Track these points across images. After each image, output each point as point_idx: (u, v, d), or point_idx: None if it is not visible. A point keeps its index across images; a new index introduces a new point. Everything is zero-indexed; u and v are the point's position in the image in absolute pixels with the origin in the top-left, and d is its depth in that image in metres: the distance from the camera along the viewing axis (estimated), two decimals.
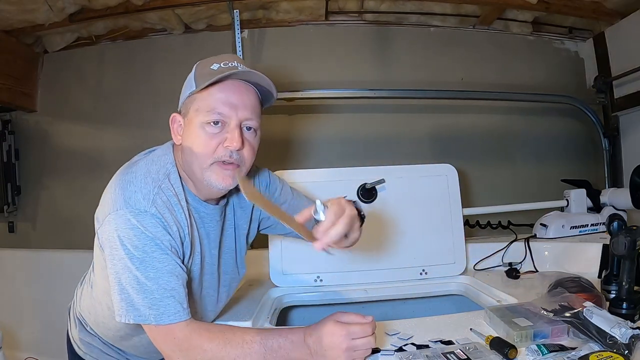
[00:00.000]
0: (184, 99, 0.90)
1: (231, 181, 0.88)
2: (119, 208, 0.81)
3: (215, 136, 0.86)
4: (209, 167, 0.87)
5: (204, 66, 0.89)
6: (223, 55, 0.90)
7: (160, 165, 0.89)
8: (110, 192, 0.84)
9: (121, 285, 0.80)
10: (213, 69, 0.87)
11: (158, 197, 0.83)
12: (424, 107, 2.31)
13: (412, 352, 0.88)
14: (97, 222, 0.86)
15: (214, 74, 0.85)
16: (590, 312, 0.90)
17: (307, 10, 2.19)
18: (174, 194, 0.87)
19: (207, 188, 0.90)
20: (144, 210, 0.81)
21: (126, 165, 0.91)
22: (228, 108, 0.86)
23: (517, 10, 2.22)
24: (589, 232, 1.71)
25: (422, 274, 1.50)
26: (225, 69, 0.86)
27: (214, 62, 0.88)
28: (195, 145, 0.86)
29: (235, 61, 0.88)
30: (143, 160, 0.90)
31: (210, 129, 0.86)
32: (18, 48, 2.16)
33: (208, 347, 0.80)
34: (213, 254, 0.97)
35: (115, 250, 0.80)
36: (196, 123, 0.86)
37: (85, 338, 1.06)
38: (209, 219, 0.95)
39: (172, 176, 0.89)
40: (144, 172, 0.86)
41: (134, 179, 0.84)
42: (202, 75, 0.87)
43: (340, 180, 1.52)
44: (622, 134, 2.23)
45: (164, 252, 0.81)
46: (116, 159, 0.92)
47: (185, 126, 0.89)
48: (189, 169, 0.89)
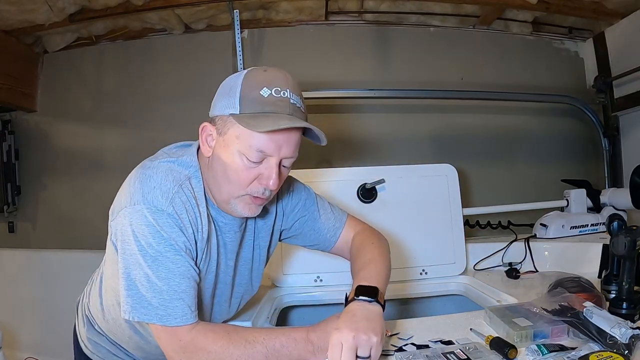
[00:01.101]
0: (221, 112, 0.82)
1: (257, 211, 0.88)
2: (136, 202, 0.78)
3: (253, 170, 0.82)
4: (239, 197, 0.85)
5: (252, 86, 0.79)
6: (274, 72, 0.82)
7: (184, 166, 0.86)
8: (129, 184, 0.82)
9: (130, 281, 0.79)
10: (263, 95, 0.78)
11: (177, 196, 0.81)
12: (423, 107, 2.31)
13: (412, 352, 0.88)
14: (111, 214, 0.83)
15: (263, 103, 0.78)
16: (590, 312, 0.90)
17: (307, 10, 2.19)
18: (194, 197, 0.84)
19: (229, 210, 0.88)
20: (161, 208, 0.78)
21: (147, 160, 0.88)
22: (273, 147, 0.81)
23: (517, 10, 2.22)
24: (589, 232, 1.71)
25: (422, 274, 1.50)
26: (277, 101, 0.79)
27: (264, 86, 0.79)
28: (231, 172, 0.82)
29: (287, 88, 0.80)
30: (167, 158, 0.86)
31: (249, 163, 0.81)
32: (18, 48, 2.16)
33: (212, 349, 0.80)
34: (229, 264, 0.95)
35: (127, 245, 0.79)
36: (234, 149, 0.81)
37: (93, 337, 1.05)
38: (227, 229, 0.92)
39: (194, 180, 0.85)
40: (166, 169, 0.83)
41: (154, 175, 0.81)
42: (250, 101, 0.79)
43: (340, 180, 1.52)
44: (622, 134, 2.23)
45: (177, 253, 0.80)
46: (116, 159, 0.91)
47: (219, 144, 0.83)
48: (214, 186, 0.86)
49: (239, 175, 0.82)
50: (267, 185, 0.83)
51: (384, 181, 1.48)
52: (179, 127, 2.14)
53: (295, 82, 0.83)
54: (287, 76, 0.83)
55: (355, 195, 1.51)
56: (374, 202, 1.51)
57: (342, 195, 1.50)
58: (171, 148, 0.93)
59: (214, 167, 0.84)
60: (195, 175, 0.86)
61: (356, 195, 1.51)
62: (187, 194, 0.83)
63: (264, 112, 0.78)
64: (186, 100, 2.17)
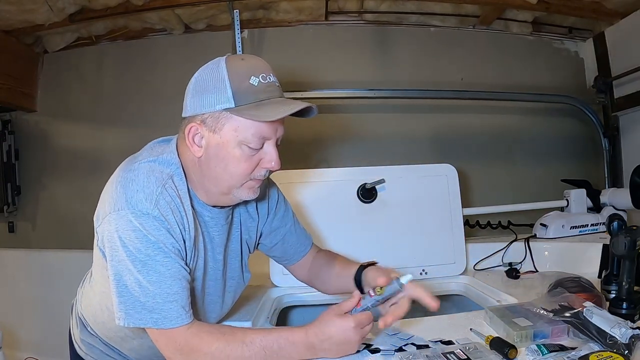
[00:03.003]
0: (210, 109, 0.80)
1: (257, 193, 0.89)
2: (120, 208, 0.78)
3: (254, 157, 0.84)
4: (243, 184, 0.86)
5: (240, 77, 0.80)
6: (252, 60, 0.84)
7: (165, 164, 0.85)
8: (111, 189, 0.81)
9: (121, 288, 0.78)
10: (253, 84, 0.79)
11: (161, 197, 0.80)
12: (423, 107, 2.30)
13: (412, 352, 0.88)
14: (96, 220, 0.83)
15: (256, 92, 0.79)
16: (590, 312, 0.90)
17: (307, 10, 2.19)
18: (178, 196, 0.83)
19: (227, 201, 0.89)
20: (146, 212, 0.77)
21: (128, 161, 0.87)
22: (272, 131, 0.83)
23: (517, 10, 2.22)
24: (589, 232, 1.71)
25: (422, 274, 1.50)
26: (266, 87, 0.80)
27: (251, 75, 0.80)
28: (233, 165, 0.83)
29: (270, 73, 0.82)
30: (146, 158, 0.85)
31: (250, 151, 0.82)
32: (18, 48, 2.16)
33: (209, 350, 0.80)
34: (218, 259, 0.95)
35: (115, 252, 0.78)
36: (233, 142, 0.81)
37: (86, 339, 1.05)
38: (213, 223, 0.92)
39: (177, 178, 0.85)
40: (147, 170, 0.82)
41: (136, 177, 0.80)
42: (243, 92, 0.79)
43: (340, 180, 1.52)
44: (622, 134, 2.23)
45: (167, 256, 0.79)
46: (116, 159, 0.90)
47: (213, 141, 0.82)
48: (211, 182, 0.86)
49: (241, 165, 0.83)
50: (270, 167, 0.86)
51: (384, 181, 1.48)
52: (178, 127, 2.13)
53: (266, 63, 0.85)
54: (263, 61, 0.85)
55: (355, 195, 1.51)
56: (374, 202, 1.51)
57: (342, 195, 1.50)
58: (155, 143, 0.93)
59: (211, 165, 0.84)
60: (177, 172, 0.85)
61: (356, 195, 1.51)
62: (171, 194, 0.82)
63: (259, 100, 0.80)
64: None
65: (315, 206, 1.47)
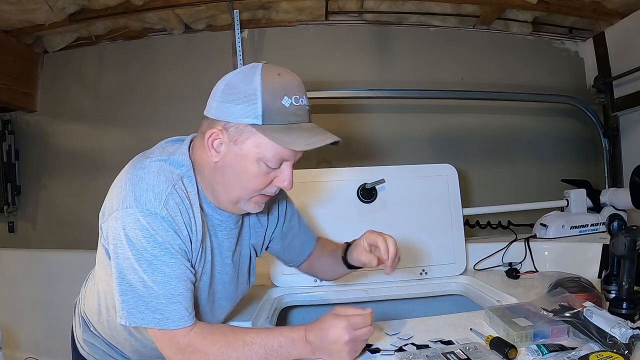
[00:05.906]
0: (236, 120, 0.79)
1: (262, 208, 0.90)
2: (128, 206, 0.76)
3: (269, 174, 0.83)
4: (251, 198, 0.86)
5: (273, 95, 0.77)
6: (288, 76, 0.81)
7: (176, 165, 0.84)
8: (120, 186, 0.80)
9: (125, 286, 0.78)
10: (285, 105, 0.77)
11: (171, 198, 0.79)
12: (423, 107, 2.30)
13: (412, 352, 0.88)
14: (102, 216, 0.82)
15: (286, 114, 0.78)
16: (590, 312, 0.90)
17: (307, 10, 2.19)
18: (187, 197, 0.82)
19: (233, 210, 0.89)
20: (155, 212, 0.77)
21: (139, 159, 0.85)
22: (294, 154, 0.83)
23: (517, 10, 2.22)
24: (589, 232, 1.71)
25: (422, 274, 1.50)
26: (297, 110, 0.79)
27: (284, 95, 0.78)
28: (247, 179, 0.82)
29: (303, 95, 0.81)
30: (157, 156, 0.84)
31: (267, 169, 0.82)
32: (18, 48, 2.16)
33: (210, 351, 0.80)
34: (226, 262, 0.94)
35: (120, 249, 0.77)
36: (252, 157, 0.80)
37: (89, 338, 1.04)
38: (222, 227, 0.91)
39: (187, 180, 0.84)
40: (158, 169, 0.81)
41: (146, 176, 0.79)
42: (273, 113, 0.77)
43: (340, 180, 1.52)
44: (622, 134, 2.23)
45: (173, 257, 0.78)
46: (116, 159, 0.90)
47: (232, 151, 0.81)
48: (221, 189, 0.85)
49: (255, 180, 0.83)
50: (283, 186, 0.85)
51: (384, 181, 1.48)
52: (179, 127, 2.11)
53: (301, 80, 0.83)
54: (298, 79, 0.82)
55: (355, 195, 1.51)
56: (374, 202, 1.51)
57: (342, 195, 1.50)
58: (167, 142, 0.92)
59: (225, 174, 0.83)
60: (187, 174, 0.84)
61: (356, 195, 1.51)
62: (181, 195, 0.81)
63: (288, 122, 0.79)
64: (186, 100, 2.16)
65: (316, 206, 1.47)
